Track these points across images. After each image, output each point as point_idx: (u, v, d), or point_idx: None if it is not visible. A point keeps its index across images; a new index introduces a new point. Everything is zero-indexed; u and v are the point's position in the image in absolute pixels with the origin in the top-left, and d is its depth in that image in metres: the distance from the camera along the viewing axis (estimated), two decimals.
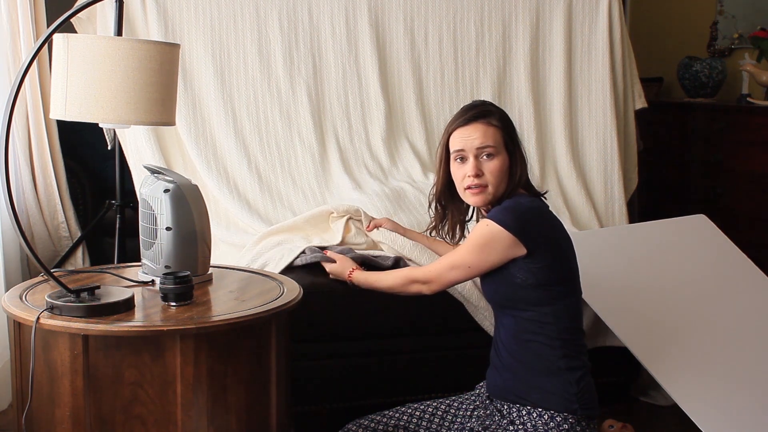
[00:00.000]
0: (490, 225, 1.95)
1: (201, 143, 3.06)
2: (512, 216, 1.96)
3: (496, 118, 2.04)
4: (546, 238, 1.98)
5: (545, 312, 1.97)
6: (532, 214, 2.00)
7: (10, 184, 1.84)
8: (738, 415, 2.40)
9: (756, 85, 4.28)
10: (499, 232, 1.94)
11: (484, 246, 1.96)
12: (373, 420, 2.09)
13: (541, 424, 1.94)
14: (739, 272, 2.91)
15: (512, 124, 2.09)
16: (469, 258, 2.00)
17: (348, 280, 2.32)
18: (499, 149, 2.03)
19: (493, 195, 2.03)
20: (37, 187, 3.10)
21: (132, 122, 2.10)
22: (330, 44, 3.25)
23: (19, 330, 1.87)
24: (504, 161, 2.03)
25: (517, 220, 1.95)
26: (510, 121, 2.09)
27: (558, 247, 2.01)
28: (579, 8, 3.47)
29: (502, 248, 1.95)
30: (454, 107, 3.38)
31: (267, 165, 3.11)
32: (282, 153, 3.14)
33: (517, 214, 1.97)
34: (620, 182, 3.38)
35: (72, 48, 2.00)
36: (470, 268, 2.01)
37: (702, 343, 2.60)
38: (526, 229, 1.95)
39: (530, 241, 1.94)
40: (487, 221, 1.97)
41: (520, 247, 1.94)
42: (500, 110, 2.09)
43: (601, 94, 3.45)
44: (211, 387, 1.81)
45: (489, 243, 1.95)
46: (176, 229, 2.05)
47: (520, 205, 2.00)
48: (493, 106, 2.09)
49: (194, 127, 3.06)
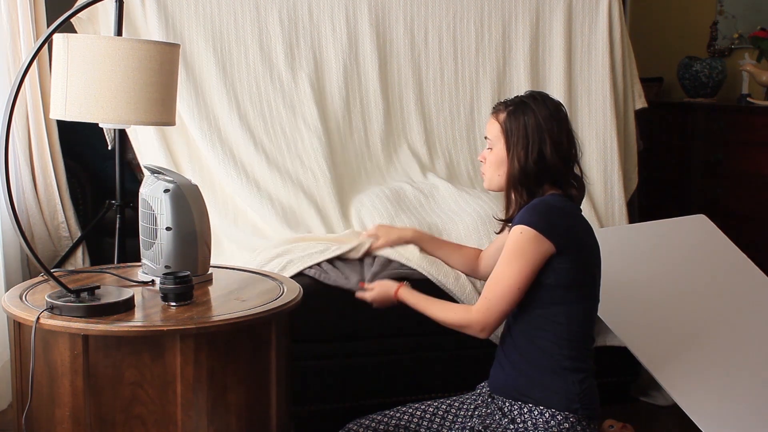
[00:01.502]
0: (523, 230, 1.94)
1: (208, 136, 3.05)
2: (537, 213, 1.96)
3: (506, 114, 2.05)
4: (572, 238, 1.97)
5: (559, 311, 1.96)
6: (558, 212, 1.99)
7: (10, 184, 1.84)
8: (738, 415, 2.41)
9: (756, 85, 4.28)
10: (528, 232, 1.93)
11: (520, 253, 1.94)
12: (374, 420, 2.09)
13: (542, 422, 1.94)
14: (739, 272, 2.91)
15: (530, 122, 2.02)
16: (511, 275, 1.94)
17: (395, 298, 2.18)
18: (494, 142, 2.06)
19: (489, 183, 2.11)
20: (37, 187, 3.10)
21: (132, 122, 2.10)
22: (330, 43, 3.25)
23: (19, 330, 1.87)
24: (498, 155, 2.05)
25: (542, 217, 1.95)
26: (529, 119, 2.02)
27: (583, 249, 2.00)
28: (579, 8, 3.47)
29: (536, 249, 1.93)
30: (453, 107, 3.39)
31: (274, 148, 3.10)
32: (288, 137, 3.14)
33: (541, 212, 1.97)
34: (620, 182, 3.38)
35: (72, 48, 2.00)
36: (519, 288, 1.94)
37: (702, 343, 2.60)
38: (552, 226, 1.94)
39: (557, 238, 1.93)
40: (520, 227, 1.95)
41: (548, 244, 1.93)
42: (520, 105, 2.05)
43: (601, 94, 3.45)
44: (211, 387, 1.81)
45: (523, 247, 1.93)
46: (176, 229, 2.05)
47: (545, 203, 2.01)
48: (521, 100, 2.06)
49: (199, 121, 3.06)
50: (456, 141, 3.38)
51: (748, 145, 4.07)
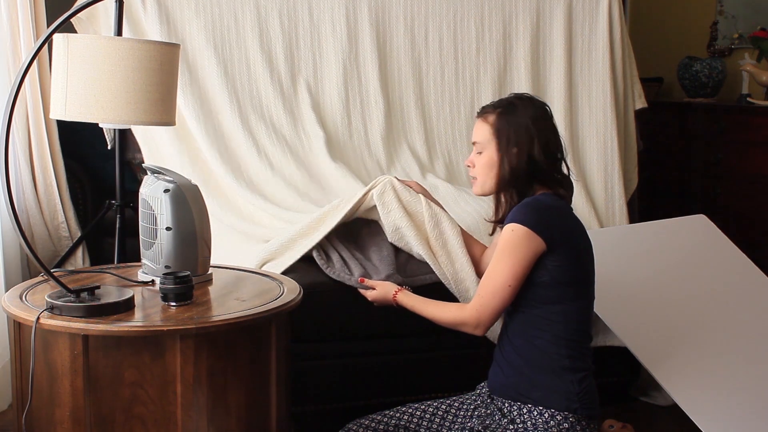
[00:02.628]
0: (515, 228, 1.96)
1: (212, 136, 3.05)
2: (528, 211, 1.98)
3: (495, 116, 2.07)
4: (563, 236, 1.98)
5: (555, 311, 1.97)
6: (550, 210, 2.01)
7: (10, 184, 1.84)
8: (738, 415, 2.41)
9: (756, 85, 4.28)
10: (519, 229, 1.95)
11: (511, 250, 1.96)
12: (374, 420, 2.09)
13: (542, 422, 1.94)
14: (739, 272, 2.91)
15: (520, 122, 2.04)
16: (502, 272, 1.97)
17: (393, 302, 2.24)
18: (485, 145, 2.07)
19: (481, 187, 2.11)
20: (37, 187, 3.10)
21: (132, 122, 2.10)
22: (330, 43, 3.25)
23: (19, 330, 1.87)
24: (490, 157, 2.07)
25: (533, 214, 1.96)
26: (519, 119, 2.04)
27: (576, 247, 2.01)
28: (579, 8, 3.47)
29: (527, 246, 1.95)
30: (453, 107, 3.39)
31: (276, 151, 3.10)
32: (288, 136, 3.14)
33: (533, 209, 1.98)
34: (620, 182, 3.38)
35: (72, 48, 2.00)
36: (510, 286, 1.96)
37: (702, 343, 2.60)
38: (543, 223, 1.95)
39: (548, 236, 1.95)
40: (512, 225, 1.97)
41: (539, 241, 1.94)
42: (510, 107, 2.07)
43: (601, 94, 3.45)
44: (211, 387, 1.81)
45: (516, 245, 1.95)
46: (176, 229, 2.05)
47: (537, 201, 2.02)
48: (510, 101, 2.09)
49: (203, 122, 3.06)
50: (456, 141, 3.38)
51: (748, 145, 4.07)
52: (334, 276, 2.51)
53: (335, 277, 2.50)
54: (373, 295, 2.28)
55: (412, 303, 2.18)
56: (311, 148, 3.14)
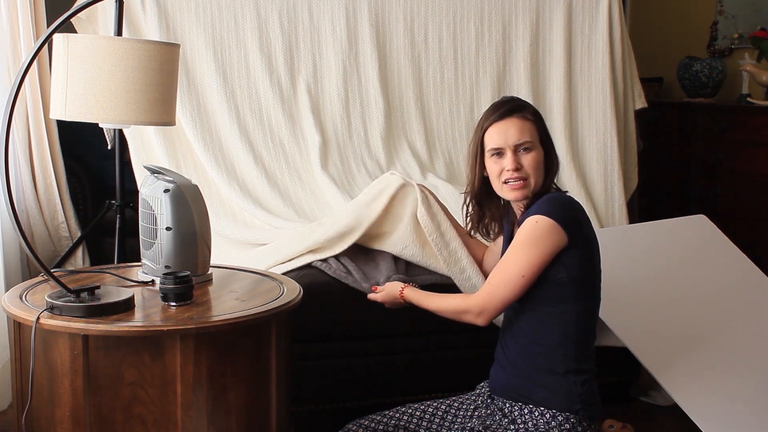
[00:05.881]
0: (539, 220, 1.94)
1: (207, 141, 3.05)
2: (556, 205, 1.97)
3: (530, 112, 2.06)
4: (583, 233, 1.98)
5: (569, 309, 1.96)
6: (573, 206, 2.02)
7: (10, 184, 1.84)
8: (738, 415, 2.40)
9: (756, 85, 4.28)
10: (545, 221, 1.93)
11: (534, 241, 1.93)
12: (374, 420, 2.09)
13: (543, 423, 1.94)
14: (739, 272, 2.91)
15: (543, 118, 2.09)
16: (519, 261, 1.94)
17: (400, 299, 2.23)
18: (535, 143, 2.04)
19: (533, 188, 2.03)
20: (37, 187, 3.10)
21: (132, 122, 2.10)
22: (330, 43, 3.25)
23: (19, 330, 1.87)
24: (540, 154, 2.04)
25: (559, 209, 1.95)
26: (541, 115, 2.09)
27: (590, 245, 2.01)
28: (579, 8, 3.47)
29: (551, 240, 1.92)
30: (453, 107, 3.38)
31: (272, 160, 3.10)
32: (286, 150, 3.14)
33: (560, 204, 1.98)
34: (620, 182, 3.38)
35: (72, 48, 2.00)
36: (524, 276, 1.93)
37: (702, 343, 2.60)
38: (568, 218, 1.95)
39: (571, 231, 1.94)
40: (536, 217, 1.94)
41: (563, 235, 1.93)
42: (531, 105, 2.10)
43: (601, 94, 3.45)
44: (211, 387, 1.81)
45: (539, 236, 1.93)
46: (176, 229, 2.05)
47: (562, 197, 2.03)
48: (524, 101, 2.11)
49: (200, 125, 3.06)
50: (456, 141, 3.38)
51: (748, 145, 4.07)
52: (330, 272, 2.51)
53: (331, 273, 2.51)
54: (382, 296, 2.26)
55: (419, 297, 2.17)
56: (307, 153, 3.15)
